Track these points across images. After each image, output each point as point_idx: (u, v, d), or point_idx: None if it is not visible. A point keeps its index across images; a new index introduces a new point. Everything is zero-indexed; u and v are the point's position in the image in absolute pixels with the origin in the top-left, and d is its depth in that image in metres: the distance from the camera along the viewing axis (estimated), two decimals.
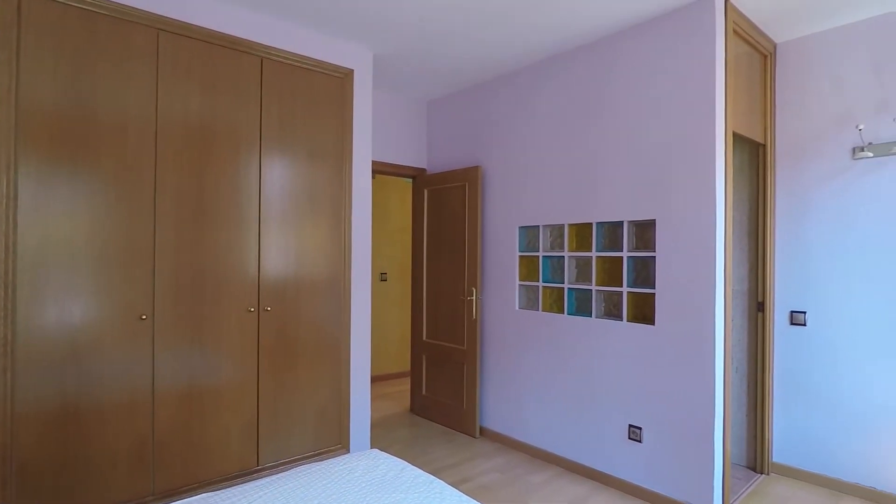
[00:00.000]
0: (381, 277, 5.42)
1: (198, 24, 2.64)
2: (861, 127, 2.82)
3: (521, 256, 3.61)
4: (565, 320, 3.28)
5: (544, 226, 3.44)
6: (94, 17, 2.35)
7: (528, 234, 3.56)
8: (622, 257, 3.00)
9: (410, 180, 4.92)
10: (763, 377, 3.18)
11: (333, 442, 3.21)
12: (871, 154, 2.79)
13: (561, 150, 3.31)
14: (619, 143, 2.99)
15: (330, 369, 3.19)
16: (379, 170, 4.09)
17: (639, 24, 2.90)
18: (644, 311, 2.92)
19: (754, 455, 3.24)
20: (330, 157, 3.17)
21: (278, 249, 2.95)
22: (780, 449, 3.17)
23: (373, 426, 4.06)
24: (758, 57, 3.09)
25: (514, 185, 3.62)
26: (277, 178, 2.95)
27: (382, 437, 3.83)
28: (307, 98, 3.06)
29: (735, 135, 2.89)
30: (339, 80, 3.21)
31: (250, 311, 2.84)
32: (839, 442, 2.94)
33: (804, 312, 3.07)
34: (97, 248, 2.37)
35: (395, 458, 2.19)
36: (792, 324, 3.12)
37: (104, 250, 2.39)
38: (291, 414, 3.02)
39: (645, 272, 2.92)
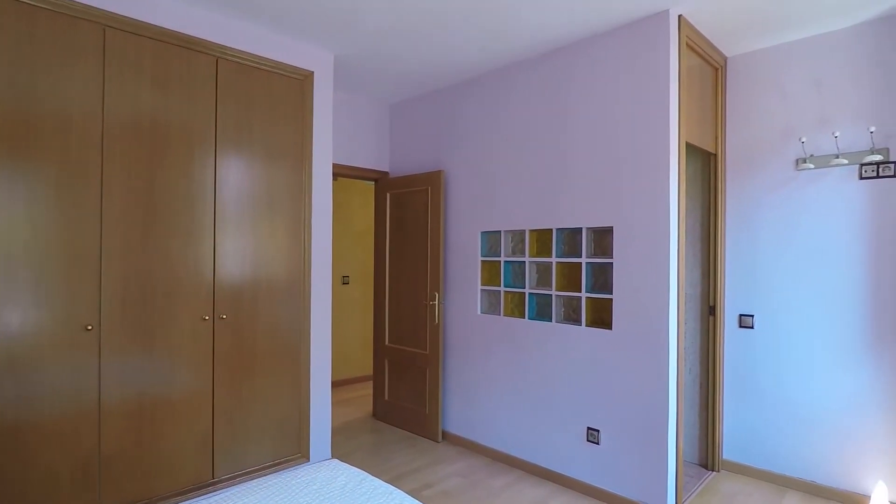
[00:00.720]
0: (343, 280, 5.35)
1: (148, 21, 2.53)
2: (803, 140, 2.97)
3: (483, 261, 3.63)
4: (526, 325, 3.32)
5: (506, 231, 3.47)
6: (33, 12, 2.22)
7: (491, 239, 3.59)
8: (581, 263, 3.06)
9: (373, 183, 4.88)
10: (714, 378, 3.30)
11: (293, 451, 3.15)
12: (812, 166, 2.94)
13: (523, 157, 3.35)
14: (579, 151, 3.05)
15: (289, 376, 3.12)
16: (341, 172, 4.03)
17: (597, 34, 2.96)
18: (602, 316, 2.98)
19: (706, 453, 3.36)
20: (289, 158, 3.10)
21: (235, 254, 2.87)
22: (730, 447, 3.30)
23: (334, 433, 4.00)
24: (709, 70, 3.20)
25: (477, 190, 3.63)
26: (234, 179, 2.86)
27: (344, 444, 3.78)
28: (265, 99, 2.98)
29: (688, 145, 2.98)
30: (298, 82, 3.14)
31: (205, 319, 2.75)
32: (783, 439, 3.09)
33: (752, 316, 3.20)
34: (38, 253, 2.24)
35: (355, 468, 2.16)
36: (741, 326, 3.26)
37: (45, 256, 2.26)
38: (249, 424, 2.94)
39: (603, 278, 2.98)
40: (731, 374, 3.30)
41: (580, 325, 3.06)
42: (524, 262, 3.37)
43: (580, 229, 3.07)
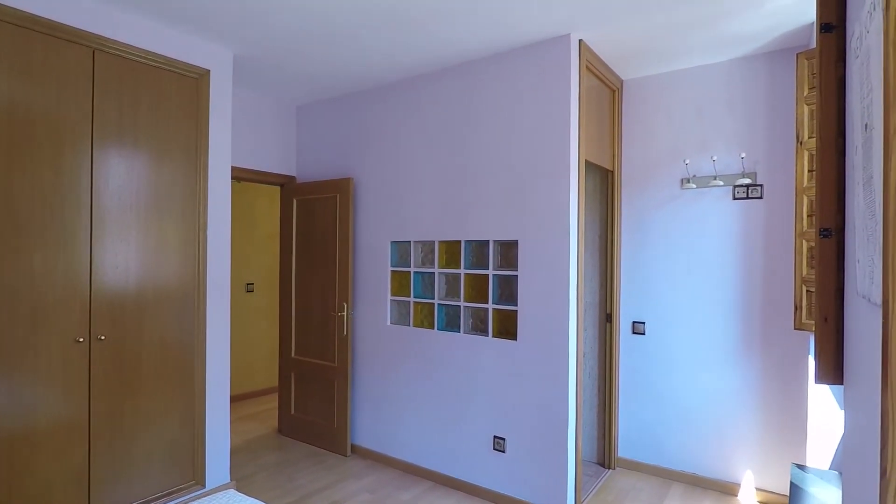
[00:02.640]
0: (247, 288, 5.07)
1: (7, 3, 2.22)
2: (687, 161, 3.24)
3: (393, 271, 3.59)
4: (435, 335, 3.33)
5: (416, 241, 3.46)
6: None
7: (401, 250, 3.56)
8: (488, 275, 3.12)
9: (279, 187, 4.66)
10: (611, 381, 3.51)
11: (186, 478, 2.92)
12: (694, 185, 3.21)
13: (433, 168, 3.35)
14: (486, 164, 3.10)
15: (181, 396, 2.89)
16: (243, 176, 3.81)
17: (503, 53, 3.03)
18: (508, 327, 3.06)
19: (604, 452, 3.56)
20: (182, 160, 2.87)
21: (117, 264, 2.60)
22: (625, 445, 3.52)
23: (236, 452, 3.77)
24: (607, 91, 3.40)
25: (387, 200, 3.59)
26: (117, 181, 2.60)
27: (245, 465, 3.58)
28: (155, 97, 2.74)
29: (587, 162, 3.14)
30: (193, 81, 2.92)
31: (79, 341, 2.46)
32: (671, 435, 3.35)
33: (644, 322, 3.44)
34: None
35: (252, 499, 2.04)
36: (634, 333, 3.49)
37: None
38: (133, 452, 2.69)
39: (509, 289, 3.06)
40: (625, 377, 3.52)
41: (487, 335, 3.12)
42: (434, 272, 3.37)
43: (487, 242, 3.13)
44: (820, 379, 1.56)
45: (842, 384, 1.53)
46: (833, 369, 1.53)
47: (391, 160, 3.57)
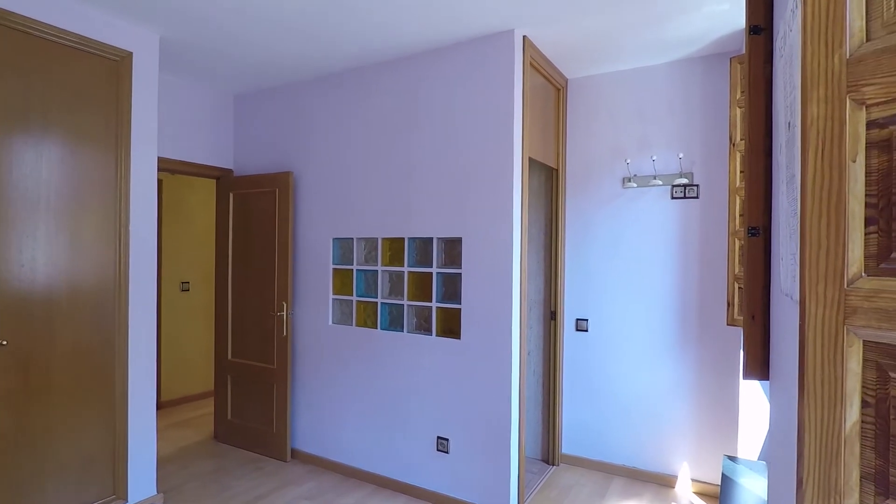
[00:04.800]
0: (182, 287, 4.79)
1: None
2: (628, 161, 3.29)
3: (335, 269, 3.47)
4: (379, 335, 3.24)
5: (359, 238, 3.35)
6: None
7: (343, 247, 3.44)
8: (432, 273, 3.06)
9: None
10: (555, 378, 3.53)
11: (105, 492, 2.71)
12: (635, 185, 3.27)
13: (376, 163, 3.25)
14: (430, 160, 3.04)
15: (100, 404, 2.67)
16: (174, 168, 3.58)
17: (447, 46, 2.97)
18: (451, 326, 3.01)
19: (548, 449, 3.58)
20: (100, 149, 2.65)
21: (20, 263, 2.36)
22: (568, 441, 3.55)
23: (167, 461, 3.55)
24: (552, 89, 3.40)
25: (329, 195, 3.46)
26: (20, 171, 2.36)
27: (177, 475, 3.37)
28: (69, 79, 2.51)
29: (532, 160, 3.13)
30: (113, 63, 2.70)
31: None
32: (612, 430, 3.40)
33: (587, 320, 3.48)
34: None
35: None
36: (577, 330, 3.52)
37: None
38: (45, 468, 2.46)
39: (452, 288, 3.01)
40: (569, 373, 3.55)
41: (431, 334, 3.06)
42: (377, 270, 3.28)
43: (431, 239, 3.06)
44: (748, 374, 1.59)
45: (768, 380, 1.56)
46: (760, 365, 1.56)
47: (334, 154, 3.44)
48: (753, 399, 2.72)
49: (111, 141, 2.70)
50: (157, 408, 4.59)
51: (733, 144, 2.75)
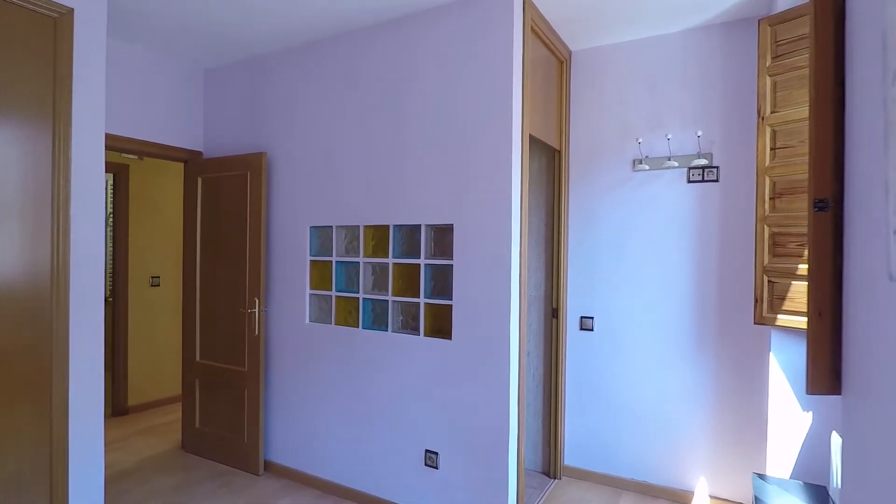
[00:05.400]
0: (151, 282, 4.42)
1: None
2: (640, 140, 2.95)
3: (312, 261, 3.11)
4: (360, 335, 2.89)
5: (339, 227, 3.00)
6: None
7: (321, 236, 3.09)
8: (420, 265, 2.71)
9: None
10: (557, 382, 3.19)
11: None
12: (647, 167, 2.93)
13: (359, 142, 2.90)
14: (419, 138, 2.69)
15: (32, 417, 2.31)
16: (136, 149, 3.22)
17: (437, 6, 2.62)
18: (441, 324, 2.67)
19: (549, 461, 3.24)
20: (30, 124, 2.28)
21: None
22: (571, 452, 3.22)
23: (127, 475, 3.19)
24: (555, 62, 3.06)
25: (307, 178, 3.10)
26: None
27: (136, 491, 3.01)
28: None
29: (532, 138, 2.79)
30: (49, 21, 2.33)
31: None
32: (620, 441, 3.06)
33: (592, 317, 3.14)
34: None
35: None
36: (581, 329, 3.18)
37: None
38: None
39: (443, 281, 2.67)
40: (572, 377, 3.21)
41: (419, 334, 2.71)
42: (359, 262, 2.93)
43: (419, 226, 2.71)
44: (813, 388, 1.25)
45: (839, 394, 1.23)
46: (829, 376, 1.22)
47: (312, 133, 3.08)
48: (784, 408, 2.39)
49: (45, 114, 2.33)
50: (124, 413, 4.25)
51: (762, 118, 2.41)
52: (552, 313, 3.22)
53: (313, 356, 3.07)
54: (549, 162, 3.24)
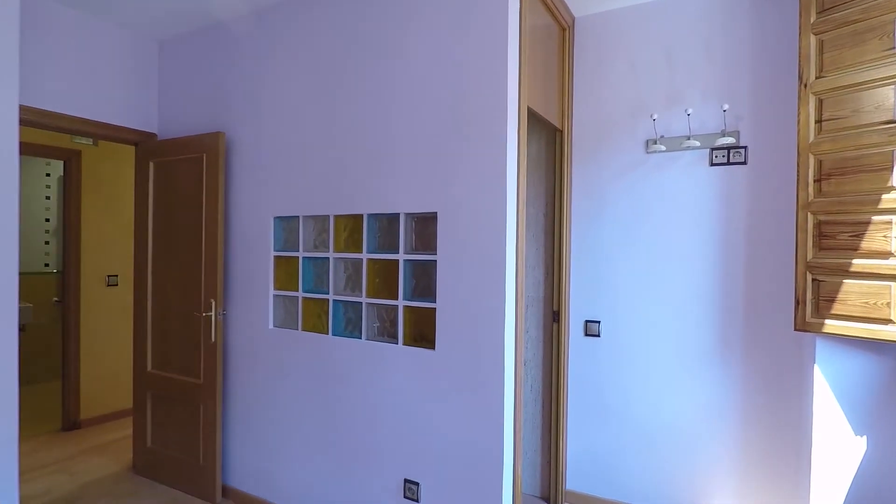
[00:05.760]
0: (108, 281, 4.00)
1: None
2: (655, 117, 2.55)
3: (277, 257, 2.70)
4: (331, 343, 2.48)
5: (306, 217, 2.59)
6: None
7: (287, 228, 2.68)
8: (398, 261, 2.31)
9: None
10: (558, 395, 2.80)
11: None
12: (663, 147, 2.53)
13: (330, 119, 2.49)
14: (398, 112, 2.28)
15: None
16: (77, 129, 2.81)
17: None
18: (423, 331, 2.26)
19: (549, 484, 2.85)
20: None
21: None
22: (574, 474, 2.82)
23: (67, 503, 2.78)
24: (556, 29, 2.66)
25: (270, 161, 2.69)
26: None
27: None
28: None
29: (531, 114, 2.39)
30: None
31: None
32: (628, 462, 2.67)
33: (598, 322, 2.74)
34: None
35: None
36: (586, 335, 2.78)
37: None
38: None
39: (425, 280, 2.26)
40: (576, 389, 2.82)
41: (397, 342, 2.31)
42: (328, 258, 2.52)
43: (397, 216, 2.31)
44: None
45: None
46: None
47: (276, 110, 2.67)
48: (831, 429, 2.00)
49: None
50: (75, 427, 3.82)
51: (804, 85, 2.02)
52: (553, 317, 2.83)
53: (278, 367, 2.66)
54: (549, 143, 2.84)
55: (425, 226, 2.26)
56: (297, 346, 2.59)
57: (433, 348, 2.20)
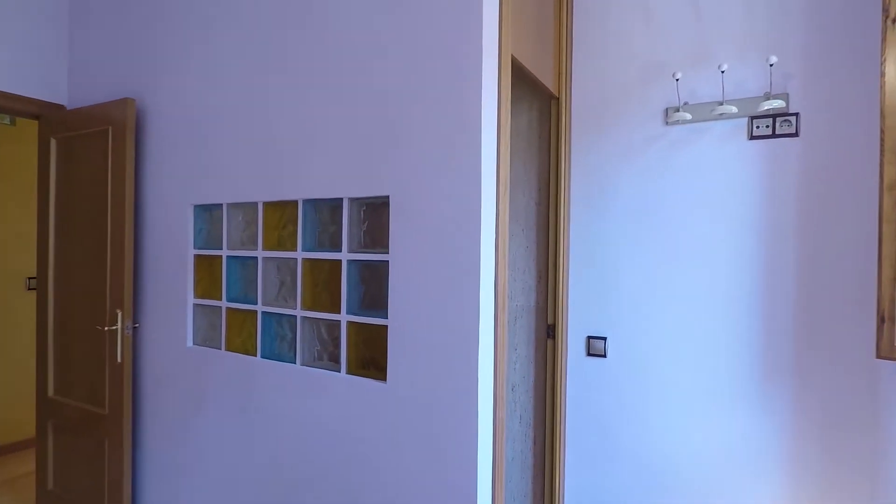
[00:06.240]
0: (28, 284, 3.43)
1: None
2: (678, 76, 1.99)
3: (198, 256, 2.14)
4: (259, 368, 1.92)
5: (231, 205, 2.03)
6: None
7: (211, 220, 2.11)
8: (341, 262, 1.75)
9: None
10: (553, 429, 2.24)
11: None
12: (688, 116, 1.97)
13: (258, 79, 1.93)
14: (338, 71, 1.72)
15: None
16: None
17: None
18: (374, 354, 1.70)
19: None
20: None
21: None
22: None
23: None
24: None
25: (190, 136, 2.13)
26: None
27: None
28: None
29: (519, 71, 1.83)
30: None
31: None
32: None
33: (604, 339, 2.18)
34: None
35: None
36: (589, 354, 2.22)
37: None
38: None
39: (377, 288, 1.70)
40: (576, 421, 2.26)
41: (339, 370, 1.75)
42: (257, 258, 1.96)
43: (340, 202, 1.75)
44: None
45: None
46: None
47: (198, 72, 2.11)
48: None
49: None
50: None
51: (893, 20, 1.47)
52: (547, 331, 2.27)
53: (198, 396, 2.10)
54: (543, 114, 2.28)
55: (377, 216, 1.70)
56: (220, 370, 2.03)
57: (384, 379, 1.64)
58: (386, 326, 1.64)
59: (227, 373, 2.01)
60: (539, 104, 2.28)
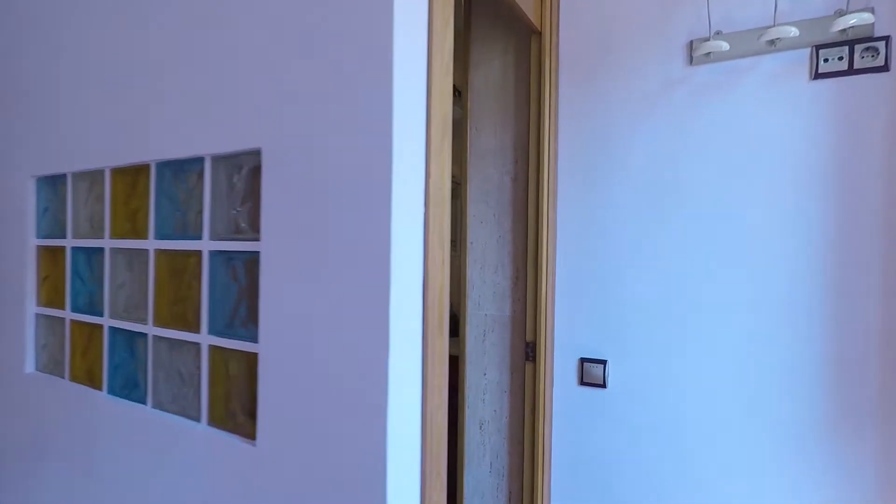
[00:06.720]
0: None
1: None
2: None
3: (42, 249, 1.56)
4: (104, 407, 1.34)
5: (77, 175, 1.45)
6: None
7: (56, 199, 1.53)
8: (202, 253, 1.16)
9: None
10: (534, 481, 1.65)
11: None
12: (725, 46, 1.38)
13: (98, 4, 1.35)
14: None
15: None
16: None
17: None
18: (244, 399, 1.11)
19: None
20: None
21: None
22: None
23: None
24: None
25: (31, 81, 1.55)
26: None
27: None
28: None
29: None
30: None
31: None
32: None
33: (603, 363, 1.59)
34: None
35: None
36: (583, 383, 1.63)
37: None
38: None
39: (251, 291, 1.11)
40: (564, 471, 1.67)
41: (199, 419, 1.16)
42: (104, 249, 1.38)
43: (201, 162, 1.16)
44: None
45: None
46: None
47: (36, 7, 1.53)
48: None
49: None
50: None
51: None
52: (526, 351, 1.68)
53: (39, 442, 1.52)
54: (521, 56, 1.69)
55: (249, 181, 1.11)
56: (62, 407, 1.45)
57: (253, 438, 1.05)
58: (256, 354, 1.05)
59: (69, 412, 1.43)
60: (516, 43, 1.69)
